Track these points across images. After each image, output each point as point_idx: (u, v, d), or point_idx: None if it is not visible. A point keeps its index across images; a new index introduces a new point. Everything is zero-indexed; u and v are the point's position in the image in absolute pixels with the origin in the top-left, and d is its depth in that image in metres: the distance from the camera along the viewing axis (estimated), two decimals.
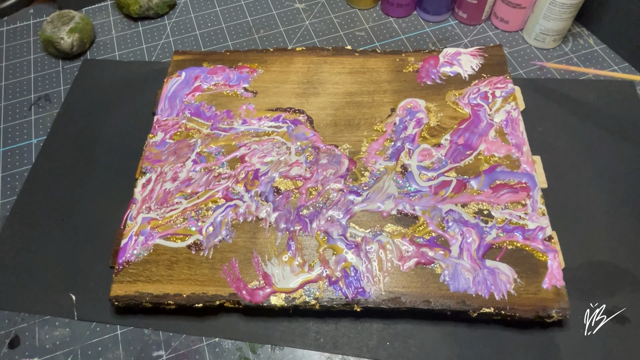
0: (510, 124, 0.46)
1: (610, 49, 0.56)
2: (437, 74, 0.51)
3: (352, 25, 0.61)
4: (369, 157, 0.45)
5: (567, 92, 0.52)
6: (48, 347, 0.39)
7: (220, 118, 0.48)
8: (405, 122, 0.47)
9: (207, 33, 0.61)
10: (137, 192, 0.44)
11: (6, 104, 0.55)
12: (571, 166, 0.46)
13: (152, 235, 0.41)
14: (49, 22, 0.57)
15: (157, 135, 0.47)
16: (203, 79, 0.51)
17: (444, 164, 0.44)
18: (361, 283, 0.38)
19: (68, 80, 0.57)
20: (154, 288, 0.39)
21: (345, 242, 0.40)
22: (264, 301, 0.38)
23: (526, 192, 0.42)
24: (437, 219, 0.41)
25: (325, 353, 0.38)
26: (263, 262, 0.40)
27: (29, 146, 0.51)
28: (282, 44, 0.59)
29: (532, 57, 0.56)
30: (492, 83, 0.49)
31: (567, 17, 0.53)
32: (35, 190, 0.47)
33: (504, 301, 0.37)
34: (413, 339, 0.38)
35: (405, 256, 0.39)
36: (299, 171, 0.44)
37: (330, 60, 0.52)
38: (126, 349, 0.39)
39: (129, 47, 0.60)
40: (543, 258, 0.39)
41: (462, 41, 0.58)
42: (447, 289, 0.38)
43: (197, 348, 0.39)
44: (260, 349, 0.39)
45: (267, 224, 0.42)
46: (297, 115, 0.48)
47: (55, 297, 0.41)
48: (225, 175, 0.44)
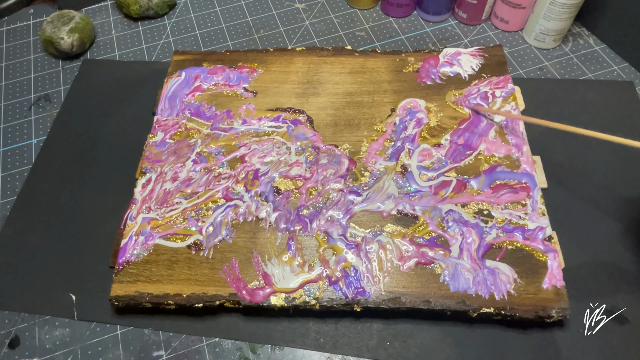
0: (510, 124, 0.46)
1: (610, 49, 0.56)
2: (437, 74, 0.51)
3: (352, 25, 0.61)
4: (369, 157, 0.45)
5: (567, 92, 0.52)
6: (48, 347, 0.39)
7: (220, 118, 0.48)
8: (405, 122, 0.47)
9: (207, 33, 0.61)
10: (137, 192, 0.44)
11: (6, 104, 0.55)
12: (571, 166, 0.46)
13: (152, 235, 0.41)
14: (49, 22, 0.57)
15: (157, 135, 0.47)
16: (203, 79, 0.51)
17: (444, 164, 0.44)
18: (361, 283, 0.38)
19: (68, 80, 0.57)
20: (154, 288, 0.39)
21: (345, 242, 0.40)
22: (264, 301, 0.38)
23: (526, 192, 0.42)
24: (437, 219, 0.41)
25: (325, 353, 0.38)
26: (263, 262, 0.40)
27: (29, 146, 0.51)
28: (282, 44, 0.59)
29: (532, 57, 0.56)
30: (492, 83, 0.49)
31: (567, 17, 0.53)
32: (35, 190, 0.47)
33: (504, 301, 0.37)
34: (413, 339, 0.38)
35: (405, 256, 0.39)
36: (299, 171, 0.44)
37: (330, 60, 0.52)
38: (126, 349, 0.39)
39: (129, 47, 0.60)
40: (543, 258, 0.39)
41: (462, 41, 0.58)
42: (447, 289, 0.38)
43: (197, 348, 0.39)
44: (260, 349, 0.39)
45: (267, 224, 0.42)
46: (297, 115, 0.48)
47: (55, 297, 0.41)
48: (225, 175, 0.44)
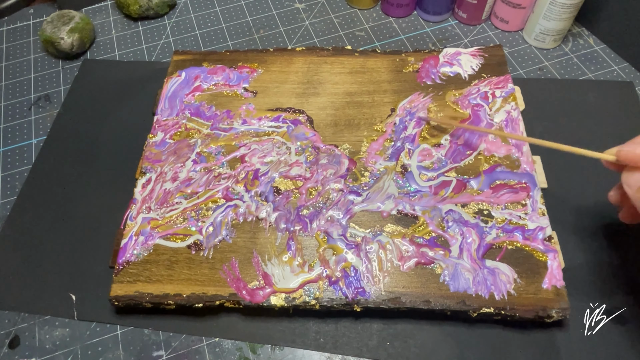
0: (510, 124, 0.46)
1: (610, 49, 0.56)
2: (437, 74, 0.51)
3: (352, 25, 0.61)
4: (369, 157, 0.45)
5: (567, 92, 0.52)
6: (48, 347, 0.39)
7: (220, 118, 0.48)
8: (405, 122, 0.47)
9: (207, 33, 0.61)
10: (137, 192, 0.44)
11: (6, 104, 0.55)
12: (571, 166, 0.46)
13: (152, 235, 0.41)
14: (49, 22, 0.57)
15: (157, 135, 0.47)
16: (203, 79, 0.51)
17: (444, 164, 0.44)
18: (361, 283, 0.38)
19: (68, 80, 0.57)
20: (154, 288, 0.39)
21: (345, 242, 0.40)
22: (264, 301, 0.38)
23: (526, 192, 0.42)
24: (437, 219, 0.41)
25: (325, 353, 0.38)
26: (263, 262, 0.40)
27: (29, 146, 0.51)
28: (282, 44, 0.59)
29: (532, 57, 0.56)
30: (492, 83, 0.49)
31: (567, 17, 0.53)
32: (35, 190, 0.47)
33: (504, 301, 0.37)
34: (413, 339, 0.38)
35: (405, 256, 0.39)
36: (299, 171, 0.44)
37: (330, 60, 0.52)
38: (126, 349, 0.39)
39: (129, 47, 0.60)
40: (543, 258, 0.39)
41: (462, 41, 0.58)
42: (447, 289, 0.38)
43: (197, 348, 0.39)
44: (260, 349, 0.39)
45: (267, 224, 0.42)
46: (297, 115, 0.48)
47: (55, 297, 0.41)
48: (225, 175, 0.44)
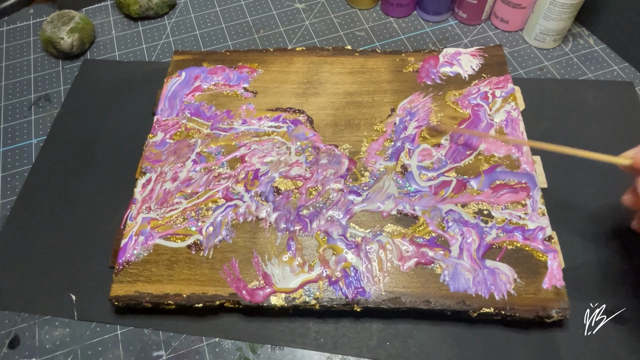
0: (510, 124, 0.46)
1: (610, 49, 0.56)
2: (437, 74, 0.51)
3: (352, 25, 0.61)
4: (369, 157, 0.45)
5: (567, 92, 0.52)
6: (48, 347, 0.39)
7: (220, 118, 0.48)
8: (405, 122, 0.47)
9: (207, 33, 0.61)
10: (137, 192, 0.44)
11: (6, 104, 0.55)
12: (571, 166, 0.46)
13: (152, 235, 0.41)
14: (49, 22, 0.57)
15: (157, 135, 0.47)
16: (203, 79, 0.51)
17: (444, 164, 0.44)
18: (361, 283, 0.38)
19: (68, 80, 0.57)
20: (154, 288, 0.39)
21: (345, 242, 0.40)
22: (264, 301, 0.38)
23: (526, 192, 0.42)
24: (437, 219, 0.41)
25: (325, 353, 0.38)
26: (263, 262, 0.40)
27: (29, 146, 0.51)
28: (282, 44, 0.59)
29: (532, 57, 0.56)
30: (492, 83, 0.49)
31: (567, 17, 0.53)
32: (35, 190, 0.47)
33: (504, 301, 0.37)
34: (413, 339, 0.38)
35: (405, 256, 0.39)
36: (299, 171, 0.44)
37: (330, 60, 0.52)
38: (126, 349, 0.39)
39: (129, 47, 0.60)
40: (543, 258, 0.39)
41: (462, 41, 0.58)
42: (447, 289, 0.38)
43: (197, 348, 0.39)
44: (260, 349, 0.39)
45: (267, 224, 0.42)
46: (297, 115, 0.48)
47: (55, 297, 0.41)
48: (225, 175, 0.44)
